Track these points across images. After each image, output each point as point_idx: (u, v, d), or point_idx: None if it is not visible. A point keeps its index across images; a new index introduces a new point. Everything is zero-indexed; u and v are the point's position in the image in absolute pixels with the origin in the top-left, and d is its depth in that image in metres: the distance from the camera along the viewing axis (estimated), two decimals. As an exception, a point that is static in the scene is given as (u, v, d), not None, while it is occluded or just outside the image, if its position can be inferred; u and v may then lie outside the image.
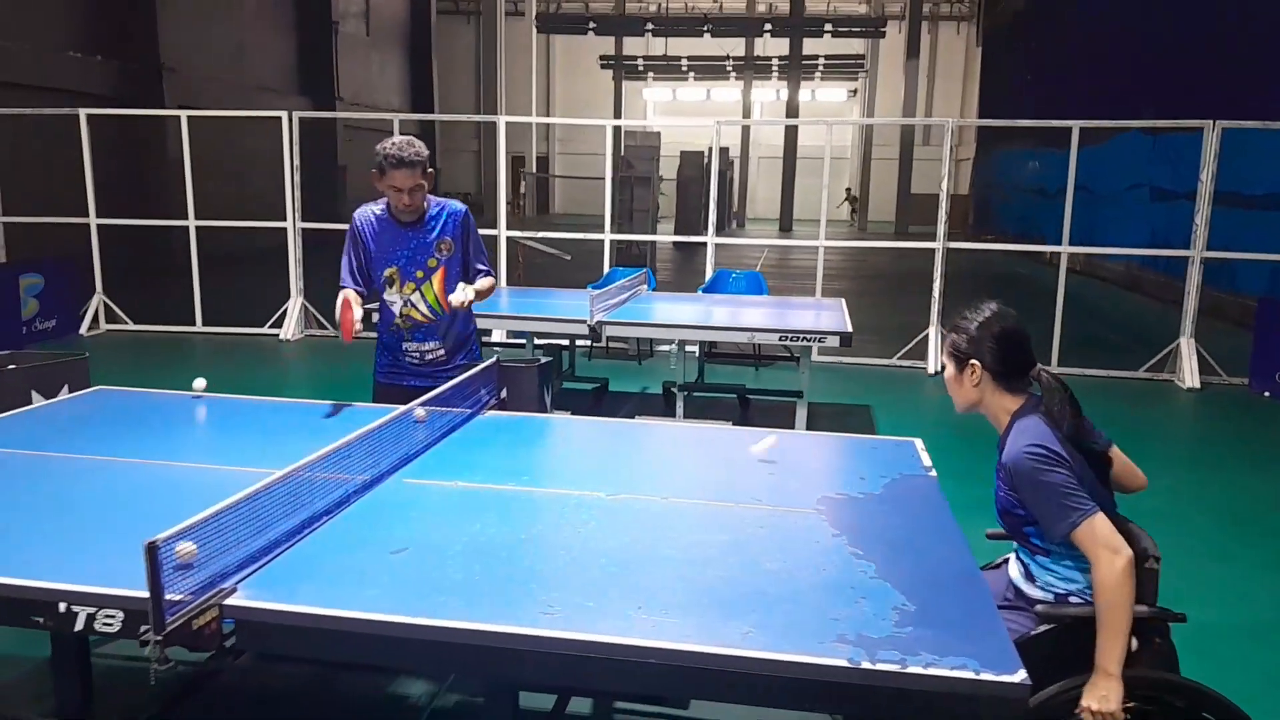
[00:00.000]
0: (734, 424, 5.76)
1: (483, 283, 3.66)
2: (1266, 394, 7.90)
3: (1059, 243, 8.86)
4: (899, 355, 8.72)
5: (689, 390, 6.02)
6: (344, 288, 3.50)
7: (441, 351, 3.74)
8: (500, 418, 3.32)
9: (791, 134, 30.40)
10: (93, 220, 9.40)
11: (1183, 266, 11.55)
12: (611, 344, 8.38)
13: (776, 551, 2.16)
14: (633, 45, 33.98)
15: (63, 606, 1.88)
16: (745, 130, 35.65)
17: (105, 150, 10.96)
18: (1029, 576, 2.28)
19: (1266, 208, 11.69)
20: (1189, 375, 8.18)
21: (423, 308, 3.66)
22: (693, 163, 22.84)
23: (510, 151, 9.30)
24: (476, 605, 1.84)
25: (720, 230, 9.39)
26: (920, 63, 31.72)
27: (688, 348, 6.63)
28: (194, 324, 9.44)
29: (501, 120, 9.36)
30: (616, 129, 34.46)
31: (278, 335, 9.24)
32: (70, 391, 3.49)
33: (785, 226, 30.40)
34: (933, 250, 8.73)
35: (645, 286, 7.23)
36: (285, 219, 9.27)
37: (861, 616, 1.83)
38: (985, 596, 1.99)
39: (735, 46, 32.10)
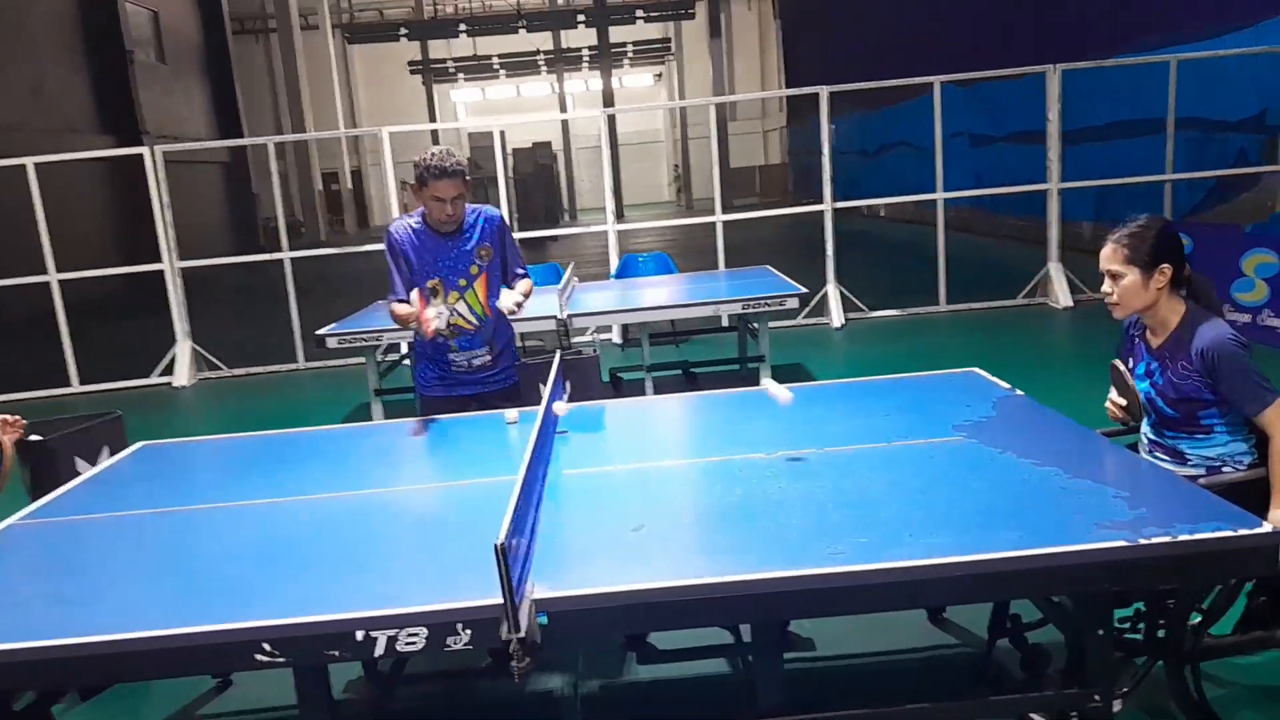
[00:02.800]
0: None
1: (524, 285, 3.68)
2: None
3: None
4: (803, 315, 9.15)
5: (653, 371, 6.16)
6: (398, 300, 3.47)
7: (489, 358, 3.74)
8: (586, 407, 3.36)
9: (611, 122, 30.79)
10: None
11: (1009, 202, 12.61)
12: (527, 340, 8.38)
13: (969, 475, 2.36)
14: (437, 47, 33.44)
15: (360, 634, 1.85)
16: (564, 124, 35.72)
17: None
18: (1178, 457, 2.58)
19: (1077, 141, 12.94)
20: (1062, 296, 9.01)
21: (469, 315, 3.64)
22: (527, 159, 22.87)
23: (323, 168, 9.00)
24: (768, 557, 1.94)
25: (557, 222, 9.51)
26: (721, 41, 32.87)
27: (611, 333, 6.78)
28: (69, 385, 8.71)
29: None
30: (434, 133, 33.81)
31: (170, 383, 8.68)
32: (111, 453, 3.27)
33: (619, 214, 30.79)
34: (821, 212, 9.19)
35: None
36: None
37: (1099, 508, 2.06)
38: (1170, 475, 2.26)
39: (544, 41, 32.17)
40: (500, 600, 1.85)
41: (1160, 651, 2.34)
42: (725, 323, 8.64)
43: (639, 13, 26.46)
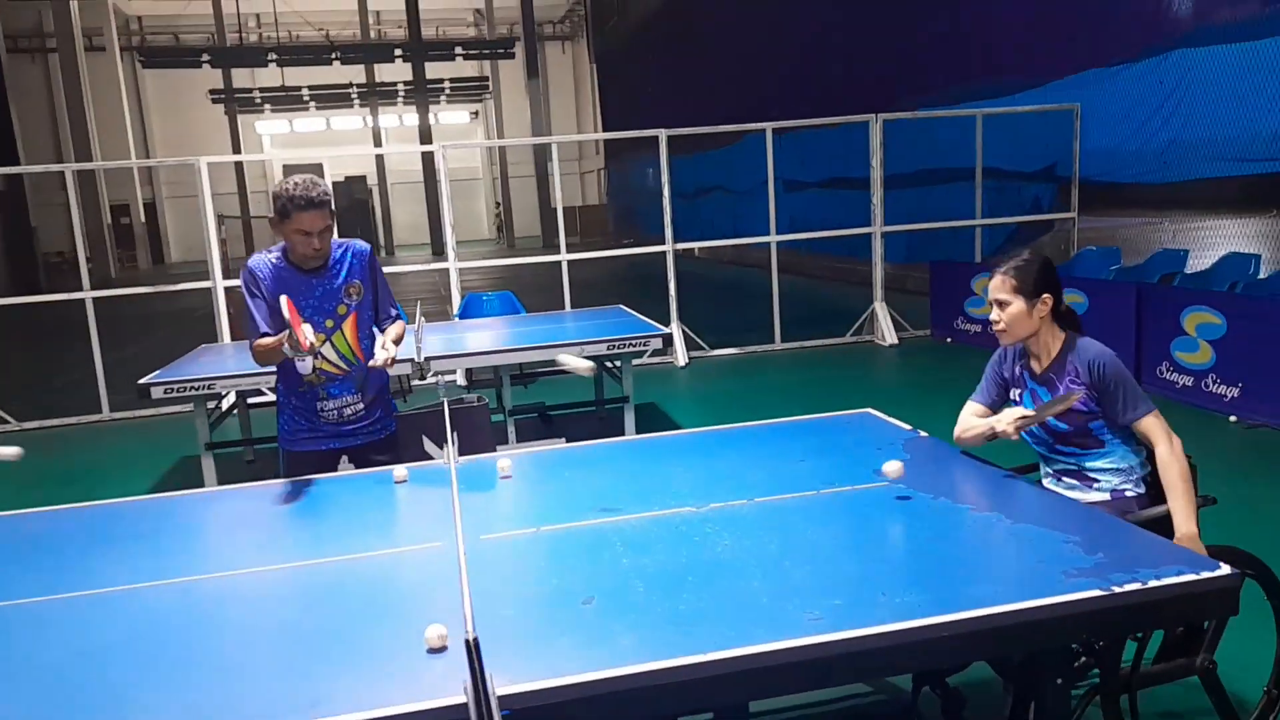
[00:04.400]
0: (566, 440, 5.76)
1: (396, 329, 3.39)
2: (948, 339, 9.37)
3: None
4: (648, 355, 9.14)
5: (513, 414, 5.92)
6: (264, 336, 3.11)
7: (361, 406, 3.41)
8: (477, 461, 3.11)
9: (429, 159, 30.20)
10: None
11: (826, 244, 13.19)
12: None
13: (915, 525, 2.31)
14: (240, 76, 31.78)
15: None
16: (379, 159, 34.75)
17: None
18: (1085, 479, 2.72)
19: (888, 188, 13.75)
20: (887, 334, 9.44)
21: (337, 360, 3.32)
22: (342, 193, 21.95)
23: (111, 200, 8.23)
24: (748, 628, 1.79)
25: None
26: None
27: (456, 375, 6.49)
28: None
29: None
30: (239, 165, 32.06)
31: (-55, 440, 7.58)
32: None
33: (437, 250, 30.16)
34: (664, 253, 9.24)
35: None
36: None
37: (1057, 556, 2.04)
38: (1108, 517, 2.29)
39: (356, 74, 31.22)
40: (460, 700, 1.62)
41: (1100, 684, 2.36)
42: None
43: (457, 50, 26.14)
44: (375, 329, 3.42)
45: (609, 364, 6.59)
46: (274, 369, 3.42)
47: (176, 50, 28.33)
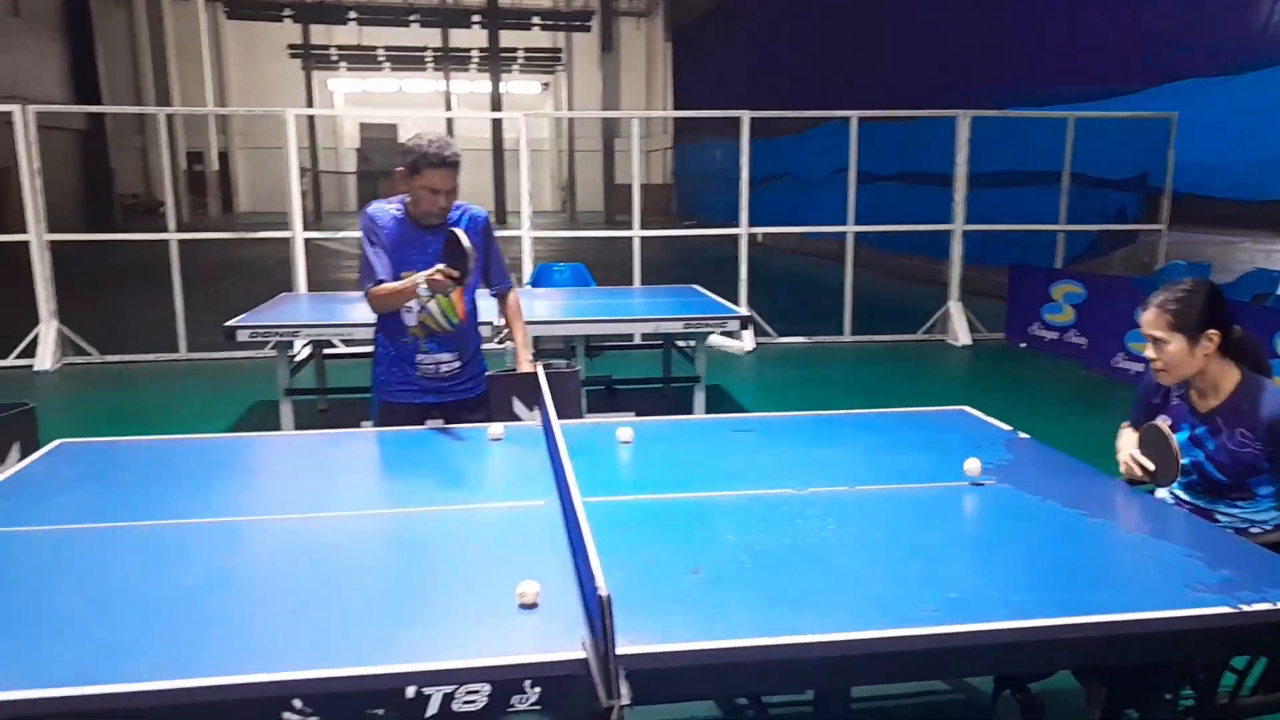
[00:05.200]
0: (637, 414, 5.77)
1: (522, 328, 3.53)
2: (1023, 344, 9.20)
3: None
4: (713, 337, 9.10)
5: (585, 386, 5.94)
6: (379, 281, 3.19)
7: (457, 364, 3.45)
8: (578, 425, 3.12)
9: (497, 128, 30.32)
10: None
11: (895, 240, 12.99)
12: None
13: (1021, 526, 2.27)
14: (317, 33, 32.13)
15: (411, 691, 1.58)
16: (449, 123, 34.96)
17: None
18: (1207, 517, 2.54)
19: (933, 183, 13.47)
20: (961, 334, 9.29)
21: (440, 318, 3.36)
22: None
23: (187, 147, 8.37)
24: (862, 613, 1.77)
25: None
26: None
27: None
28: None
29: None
30: (310, 120, 32.48)
31: (31, 366, 7.83)
32: (22, 449, 2.82)
33: (500, 219, 30.32)
34: (736, 236, 9.18)
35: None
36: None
37: (1177, 568, 1.99)
38: (1230, 535, 2.24)
39: (432, 38, 31.41)
40: (579, 655, 1.63)
41: (1195, 707, 2.31)
42: (638, 339, 8.50)
43: (534, 19, 26.14)
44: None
45: (679, 343, 6.59)
46: (373, 320, 3.46)
47: (260, 3, 28.67)
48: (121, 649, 1.67)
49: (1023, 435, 3.01)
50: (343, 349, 7.71)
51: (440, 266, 2.99)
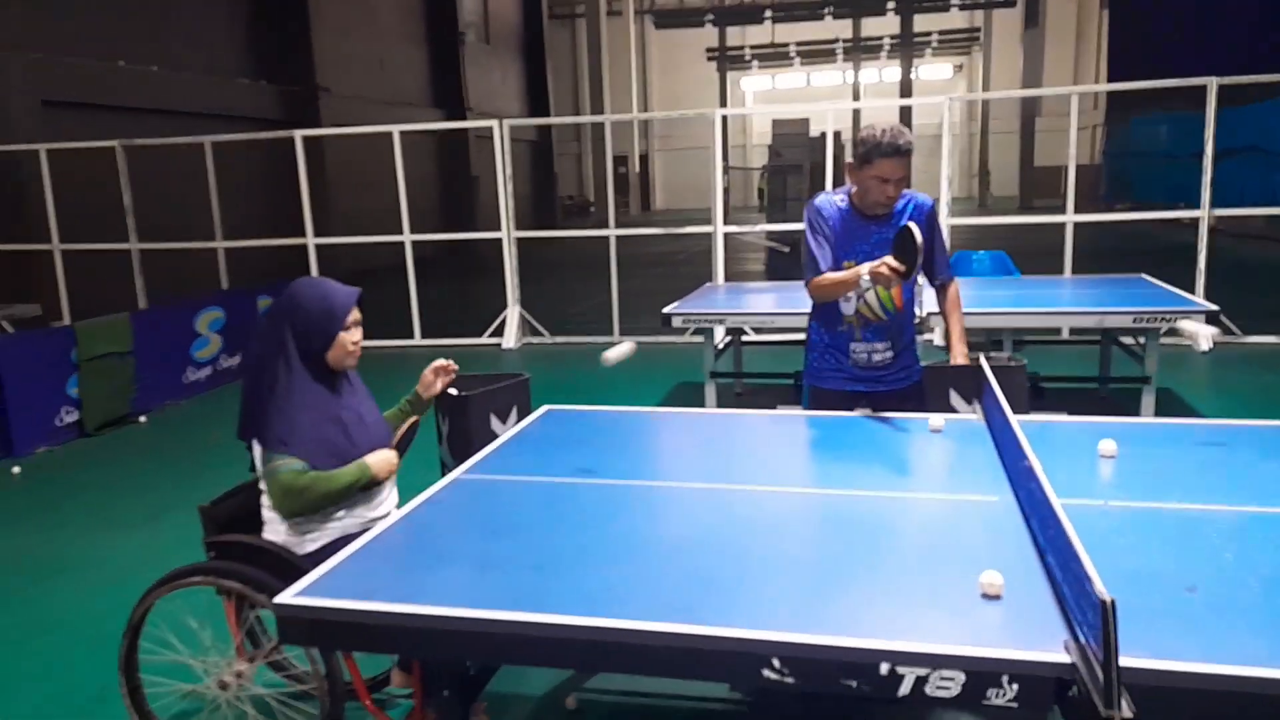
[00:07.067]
0: (1069, 413, 5.35)
1: (959, 320, 3.43)
2: None
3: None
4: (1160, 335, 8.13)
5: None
6: (821, 272, 3.28)
7: (890, 354, 3.44)
8: (1034, 422, 2.96)
9: (906, 114, 29.58)
10: (310, 240, 9.45)
11: None
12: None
13: None
14: (732, 35, 33.55)
15: (885, 668, 1.61)
16: (856, 113, 34.81)
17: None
18: None
19: None
20: None
21: (877, 308, 3.36)
22: (815, 148, 22.24)
23: (614, 151, 8.88)
24: None
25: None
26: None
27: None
28: (412, 338, 9.39)
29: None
30: (724, 119, 34.20)
31: (499, 344, 9.13)
32: (519, 414, 3.29)
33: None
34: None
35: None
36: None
37: None
38: None
39: (843, 29, 31.40)
40: (1066, 659, 1.56)
41: None
42: (1065, 334, 7.89)
43: (953, 0, 25.06)
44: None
45: (1125, 339, 5.99)
46: (810, 309, 3.55)
47: (684, 11, 30.61)
48: (621, 590, 1.89)
49: None
50: (753, 336, 8.02)
51: (887, 259, 2.97)
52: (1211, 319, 4.95)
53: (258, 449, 2.54)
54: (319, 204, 9.76)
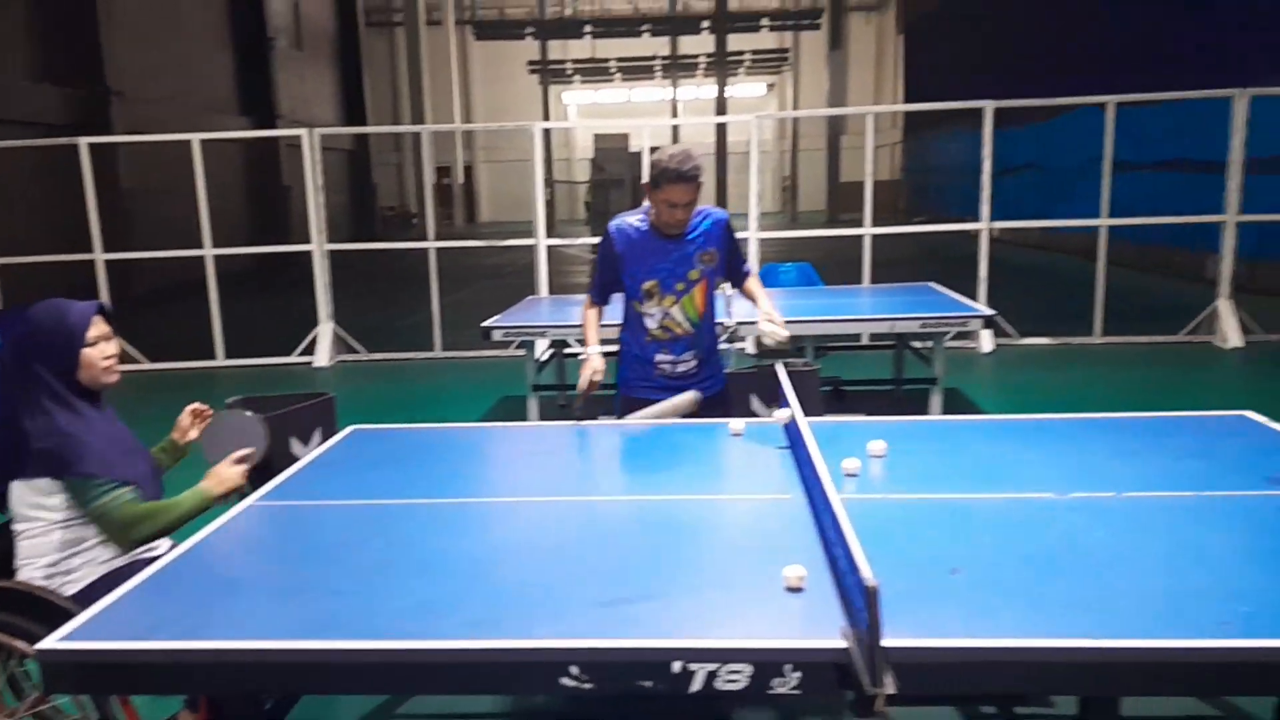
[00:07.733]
0: (868, 414, 5.68)
1: (765, 299, 3.55)
2: (1310, 349, 8.23)
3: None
4: (947, 339, 8.75)
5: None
6: (593, 304, 3.53)
7: (694, 363, 3.57)
8: (824, 424, 3.13)
9: (720, 131, 30.61)
10: (98, 256, 8.78)
11: (1154, 233, 11.91)
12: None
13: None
14: (554, 48, 33.72)
15: (677, 666, 1.67)
16: (674, 130, 35.69)
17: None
18: None
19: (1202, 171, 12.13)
20: (1231, 335, 8.45)
21: (682, 321, 3.48)
22: (636, 163, 22.72)
23: (435, 162, 8.89)
24: (1144, 623, 1.69)
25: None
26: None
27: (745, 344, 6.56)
28: (214, 358, 8.88)
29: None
30: (546, 132, 34.14)
31: (310, 363, 8.77)
32: (323, 433, 3.19)
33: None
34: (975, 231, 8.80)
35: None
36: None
37: None
38: None
39: (661, 46, 32.16)
40: (841, 644, 1.66)
41: None
42: (865, 340, 8.34)
43: (763, 21, 26.16)
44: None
45: (915, 343, 6.42)
46: (621, 322, 3.63)
47: (505, 23, 30.52)
48: (426, 610, 1.87)
49: (1321, 443, 2.73)
50: (579, 349, 8.08)
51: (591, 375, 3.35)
52: (986, 322, 5.38)
53: (17, 490, 2.36)
54: (115, 217, 9.10)
